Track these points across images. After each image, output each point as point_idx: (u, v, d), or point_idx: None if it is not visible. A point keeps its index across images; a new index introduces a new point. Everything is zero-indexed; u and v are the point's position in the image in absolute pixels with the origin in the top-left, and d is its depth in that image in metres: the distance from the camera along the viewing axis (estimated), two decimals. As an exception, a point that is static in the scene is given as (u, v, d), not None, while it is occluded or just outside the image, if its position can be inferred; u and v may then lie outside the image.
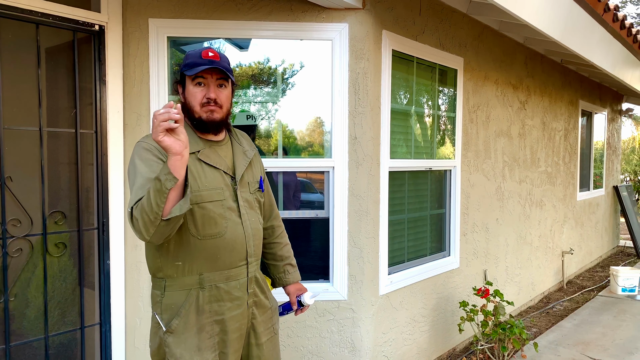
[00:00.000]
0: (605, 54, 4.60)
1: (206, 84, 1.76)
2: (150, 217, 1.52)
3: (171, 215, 1.52)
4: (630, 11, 16.77)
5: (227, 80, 1.81)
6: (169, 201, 1.52)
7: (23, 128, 2.46)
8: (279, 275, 2.15)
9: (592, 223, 7.16)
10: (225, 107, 1.82)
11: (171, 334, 1.74)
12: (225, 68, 1.75)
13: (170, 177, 1.49)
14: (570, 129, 6.22)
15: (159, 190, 1.49)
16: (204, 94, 1.76)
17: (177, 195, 1.54)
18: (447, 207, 3.88)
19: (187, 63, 1.76)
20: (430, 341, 3.65)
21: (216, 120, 1.79)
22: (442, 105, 3.76)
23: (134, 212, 1.56)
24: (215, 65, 1.72)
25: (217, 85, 1.78)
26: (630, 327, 4.50)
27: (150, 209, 1.51)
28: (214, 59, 1.75)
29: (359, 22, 2.84)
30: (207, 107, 1.76)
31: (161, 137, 1.48)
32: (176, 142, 1.50)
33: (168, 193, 1.50)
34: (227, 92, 1.82)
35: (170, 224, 1.56)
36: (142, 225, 1.54)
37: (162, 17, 2.71)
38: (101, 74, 2.65)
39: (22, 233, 2.46)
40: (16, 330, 2.47)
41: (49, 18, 2.45)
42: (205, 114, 1.77)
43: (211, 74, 1.76)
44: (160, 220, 1.52)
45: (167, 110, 1.48)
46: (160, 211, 1.51)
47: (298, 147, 2.93)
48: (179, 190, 1.54)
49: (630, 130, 15.45)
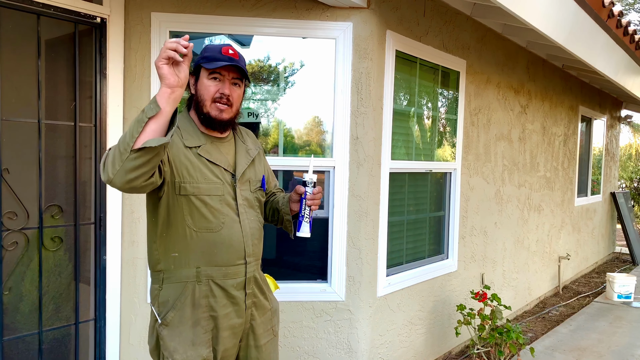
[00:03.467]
0: (608, 60, 4.59)
1: (222, 80, 1.75)
2: (120, 149, 1.42)
3: (144, 144, 1.40)
4: (633, 18, 16.81)
5: (242, 81, 1.81)
6: (145, 132, 1.42)
7: (21, 120, 2.43)
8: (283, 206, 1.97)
9: (589, 229, 7.17)
10: (236, 107, 1.81)
11: (166, 327, 1.72)
12: (243, 68, 1.76)
13: (153, 105, 1.43)
14: (569, 134, 6.22)
15: (138, 120, 1.43)
16: (217, 89, 1.74)
17: (156, 129, 1.44)
18: (447, 210, 3.87)
19: (206, 56, 1.75)
20: (427, 344, 3.64)
21: (224, 120, 1.78)
22: (444, 107, 3.75)
23: (108, 150, 1.49)
24: (234, 63, 1.73)
25: (232, 83, 1.77)
26: (626, 334, 4.49)
27: (124, 139, 1.42)
28: (234, 57, 1.75)
29: (364, 22, 2.82)
30: (218, 102, 1.75)
31: (161, 64, 1.44)
32: (173, 74, 1.46)
33: (147, 122, 1.42)
34: (240, 92, 1.82)
35: (138, 160, 1.41)
36: (111, 159, 1.44)
37: (164, 11, 2.68)
38: (102, 67, 2.62)
39: (18, 226, 2.42)
40: (9, 325, 2.44)
41: (50, 9, 2.42)
42: (215, 111, 1.75)
43: (228, 72, 1.75)
44: (130, 151, 1.40)
45: (177, 41, 1.45)
46: (132, 141, 1.40)
47: (298, 146, 2.91)
48: (159, 125, 1.45)
49: (627, 137, 15.48)
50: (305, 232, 1.87)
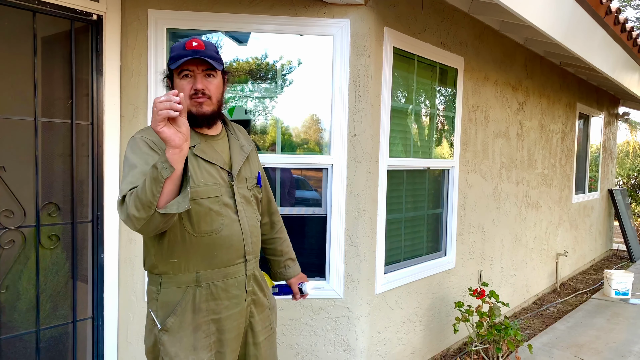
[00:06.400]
0: (605, 57, 4.60)
1: (192, 75, 1.68)
2: (144, 205, 1.43)
3: (167, 210, 1.44)
4: (629, 15, 16.82)
5: (215, 70, 1.72)
6: (164, 193, 1.43)
7: (18, 118, 2.42)
8: (280, 270, 2.14)
9: (587, 226, 7.18)
10: (215, 98, 1.73)
11: (166, 332, 1.70)
12: (210, 57, 1.67)
13: (167, 165, 1.41)
14: (567, 131, 6.22)
15: (155, 179, 1.41)
16: (190, 86, 1.68)
17: (173, 189, 1.46)
18: (444, 207, 3.87)
19: (172, 56, 1.68)
20: (425, 341, 3.64)
21: (207, 114, 1.71)
22: (442, 104, 3.74)
23: (127, 198, 1.48)
24: (198, 56, 1.64)
25: (205, 75, 1.70)
26: (624, 331, 4.50)
27: (145, 196, 1.42)
28: (198, 48, 1.66)
29: (361, 18, 2.81)
30: (195, 99, 1.68)
31: (160, 128, 1.39)
32: (176, 134, 1.41)
33: (164, 182, 1.42)
34: (217, 82, 1.73)
35: (164, 218, 1.47)
36: (134, 211, 1.44)
37: (161, 8, 2.67)
38: (98, 64, 2.61)
39: (14, 224, 2.41)
40: (7, 323, 2.43)
41: (46, 6, 2.40)
42: (194, 107, 1.69)
43: (196, 65, 1.67)
44: (155, 210, 1.44)
45: (168, 98, 1.38)
46: (155, 200, 1.42)
47: (296, 144, 2.90)
48: (175, 184, 1.46)
49: (625, 134, 15.51)
50: None
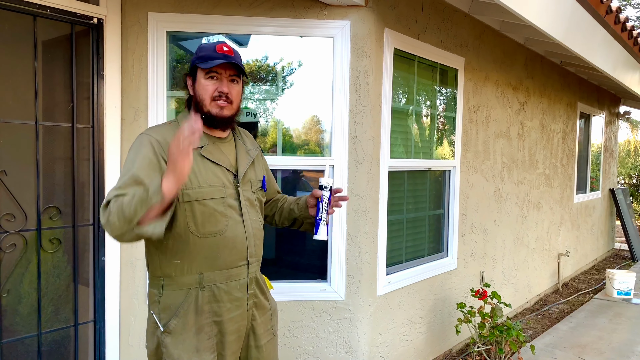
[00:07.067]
0: (606, 56, 4.59)
1: (219, 78, 1.74)
2: (125, 218, 1.47)
3: (140, 231, 1.48)
4: (629, 14, 16.82)
5: (239, 77, 1.79)
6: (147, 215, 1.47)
7: (18, 122, 2.42)
8: (300, 211, 1.99)
9: (588, 225, 7.17)
10: (236, 104, 1.80)
11: (169, 335, 1.70)
12: (239, 64, 1.74)
13: (159, 196, 1.44)
14: (568, 131, 6.22)
15: (144, 201, 1.45)
16: (215, 87, 1.73)
17: (158, 213, 1.50)
18: (446, 208, 3.86)
19: (201, 56, 1.73)
20: (427, 342, 3.63)
21: (226, 117, 1.77)
22: (443, 105, 3.74)
23: (112, 204, 1.52)
24: (230, 60, 1.71)
25: (230, 80, 1.76)
26: (626, 331, 4.49)
27: (129, 211, 1.46)
28: (229, 53, 1.73)
29: (361, 20, 2.81)
30: (218, 101, 1.73)
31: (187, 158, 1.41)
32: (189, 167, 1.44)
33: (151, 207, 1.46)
34: (238, 89, 1.80)
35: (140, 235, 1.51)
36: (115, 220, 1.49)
37: (161, 11, 2.67)
38: (99, 67, 2.61)
39: (16, 228, 2.41)
40: (8, 327, 2.43)
41: (46, 10, 2.41)
42: (215, 109, 1.74)
43: (225, 69, 1.74)
44: (135, 225, 1.48)
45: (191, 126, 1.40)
46: (136, 218, 1.46)
47: (297, 145, 2.90)
48: (161, 209, 1.50)
49: (626, 133, 15.50)
50: (322, 236, 1.84)
